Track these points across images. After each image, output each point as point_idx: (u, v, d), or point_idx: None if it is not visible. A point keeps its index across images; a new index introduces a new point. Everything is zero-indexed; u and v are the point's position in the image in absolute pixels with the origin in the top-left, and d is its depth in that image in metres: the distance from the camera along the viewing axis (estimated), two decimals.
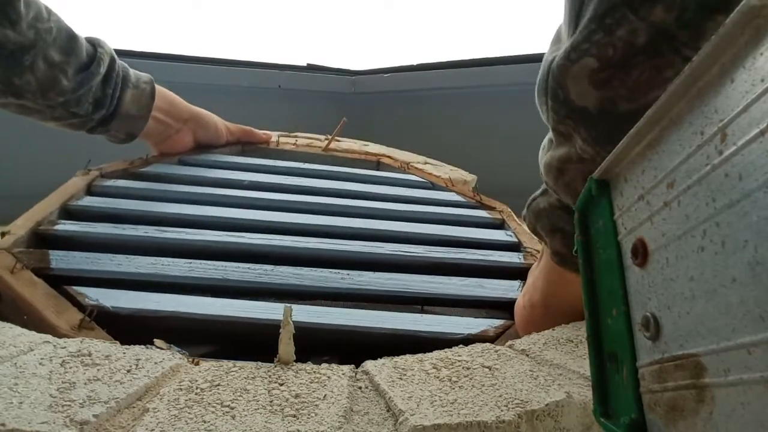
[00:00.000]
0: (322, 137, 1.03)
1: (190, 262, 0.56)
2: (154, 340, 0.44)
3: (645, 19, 0.33)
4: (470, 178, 0.91)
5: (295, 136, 1.05)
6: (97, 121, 0.79)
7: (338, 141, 1.02)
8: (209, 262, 0.56)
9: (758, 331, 0.14)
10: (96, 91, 0.77)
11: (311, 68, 1.56)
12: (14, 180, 1.11)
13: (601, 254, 0.24)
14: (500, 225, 0.75)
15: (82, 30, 0.80)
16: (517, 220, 0.78)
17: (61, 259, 0.54)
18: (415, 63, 1.51)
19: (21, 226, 0.59)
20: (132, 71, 0.83)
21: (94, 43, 0.80)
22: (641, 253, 0.19)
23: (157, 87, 0.84)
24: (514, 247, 0.68)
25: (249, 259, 0.58)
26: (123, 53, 1.30)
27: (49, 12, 0.76)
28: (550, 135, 0.43)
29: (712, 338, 0.16)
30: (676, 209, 0.17)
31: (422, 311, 0.55)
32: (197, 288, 0.53)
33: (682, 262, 0.17)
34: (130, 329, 0.44)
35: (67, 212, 0.65)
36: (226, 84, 1.39)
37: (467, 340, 0.47)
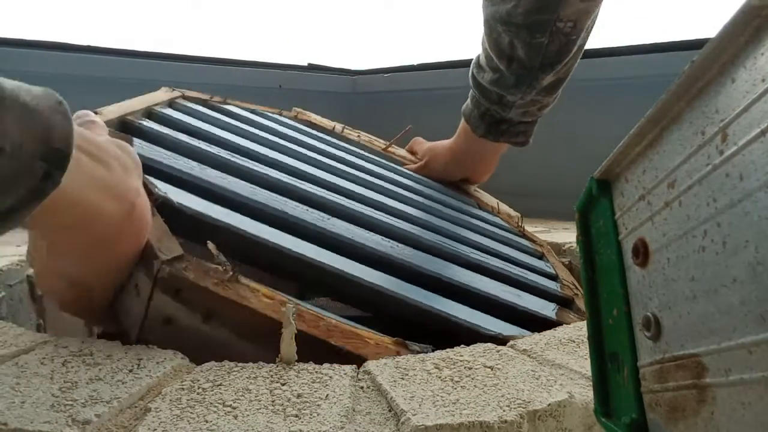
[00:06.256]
0: (383, 141, 1.07)
1: (254, 188, 0.57)
2: (207, 242, 0.43)
3: None
4: (515, 214, 0.93)
5: (359, 132, 1.09)
6: None
7: (396, 147, 1.05)
8: (271, 192, 0.58)
9: (759, 331, 0.14)
10: None
11: (312, 68, 1.56)
12: None
13: (602, 254, 0.24)
14: (540, 256, 0.76)
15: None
16: (555, 256, 0.79)
17: (143, 149, 0.55)
18: (415, 63, 1.51)
19: (112, 112, 0.61)
20: None
21: None
22: (642, 253, 0.19)
23: None
24: (552, 276, 0.69)
25: (306, 203, 0.59)
26: (123, 53, 1.30)
27: None
28: None
29: (713, 338, 0.16)
30: (677, 209, 0.17)
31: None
32: (258, 213, 0.53)
33: (683, 262, 0.17)
34: (187, 229, 0.45)
35: (150, 115, 0.67)
36: (227, 84, 1.39)
37: (498, 340, 0.47)
